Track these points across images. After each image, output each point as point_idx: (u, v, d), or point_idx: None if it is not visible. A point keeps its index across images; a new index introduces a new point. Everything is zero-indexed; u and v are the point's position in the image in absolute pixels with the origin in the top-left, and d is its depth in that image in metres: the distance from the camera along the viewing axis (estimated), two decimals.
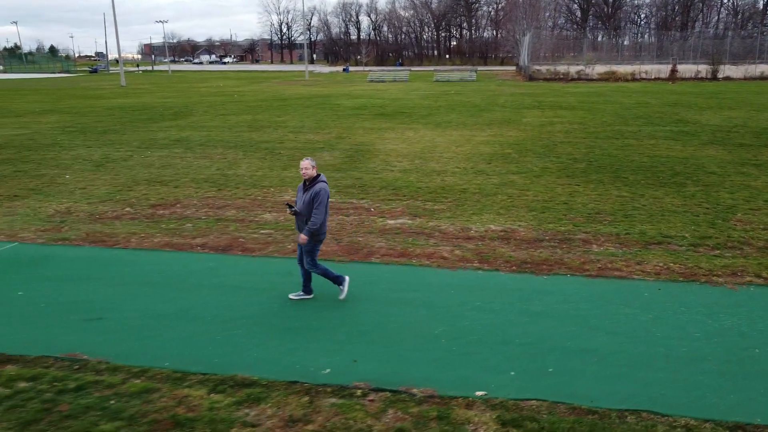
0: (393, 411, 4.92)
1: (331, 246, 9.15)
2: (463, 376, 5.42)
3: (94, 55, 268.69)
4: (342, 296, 7.03)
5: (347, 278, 7.07)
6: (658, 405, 4.92)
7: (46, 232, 10.02)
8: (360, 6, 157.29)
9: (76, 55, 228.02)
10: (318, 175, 6.67)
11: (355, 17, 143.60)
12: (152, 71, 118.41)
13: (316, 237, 6.73)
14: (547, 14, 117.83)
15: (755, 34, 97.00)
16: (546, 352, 5.85)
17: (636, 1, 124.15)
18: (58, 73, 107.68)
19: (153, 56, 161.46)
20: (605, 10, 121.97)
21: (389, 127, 23.15)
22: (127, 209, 11.50)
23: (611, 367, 5.53)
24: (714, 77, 58.58)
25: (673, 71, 57.25)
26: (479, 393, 5.14)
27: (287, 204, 6.95)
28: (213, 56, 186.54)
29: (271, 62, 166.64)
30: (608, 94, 39.79)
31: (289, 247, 9.18)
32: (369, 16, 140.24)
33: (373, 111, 29.23)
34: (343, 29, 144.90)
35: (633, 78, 60.90)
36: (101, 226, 10.42)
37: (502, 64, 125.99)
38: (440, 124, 23.85)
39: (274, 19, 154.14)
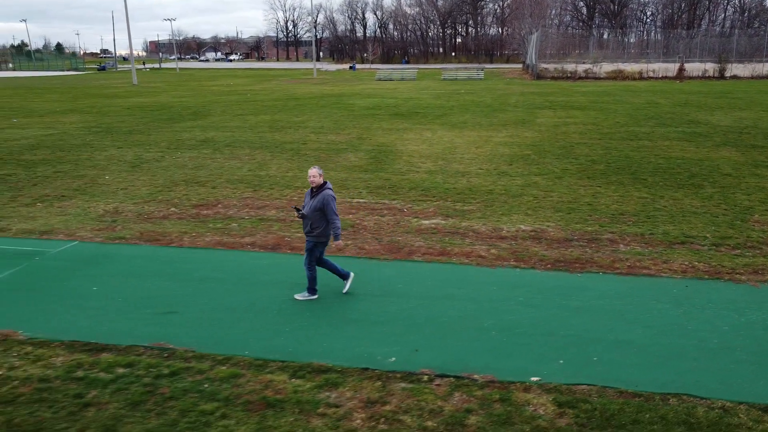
0: (459, 394, 5.52)
1: (373, 245, 9.75)
2: (517, 363, 6.01)
3: (99, 52, 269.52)
4: (299, 296, 7.63)
5: (316, 295, 7.62)
6: (696, 389, 5.50)
7: (101, 232, 10.62)
8: (366, 3, 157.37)
9: (82, 52, 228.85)
10: (324, 183, 7.26)
11: (361, 15, 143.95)
12: (160, 69, 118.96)
13: (321, 239, 7.30)
14: (554, 12, 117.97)
15: (762, 33, 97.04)
16: (588, 343, 6.43)
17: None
18: (67, 70, 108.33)
19: (160, 54, 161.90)
20: (611, 7, 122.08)
21: (406, 127, 23.71)
22: (172, 209, 12.11)
23: (650, 357, 6.11)
24: (722, 76, 58.93)
25: (681, 70, 57.64)
26: (534, 378, 5.73)
27: (295, 207, 7.57)
28: (218, 54, 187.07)
29: (277, 60, 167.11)
30: (617, 93, 40.25)
31: (333, 246, 9.75)
32: (375, 13, 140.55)
33: (388, 111, 29.79)
34: (349, 27, 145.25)
35: (640, 76, 61.25)
36: (152, 225, 11.02)
37: (507, 61, 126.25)
38: (456, 124, 24.39)
39: (280, 16, 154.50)
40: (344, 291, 7.81)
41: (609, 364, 5.98)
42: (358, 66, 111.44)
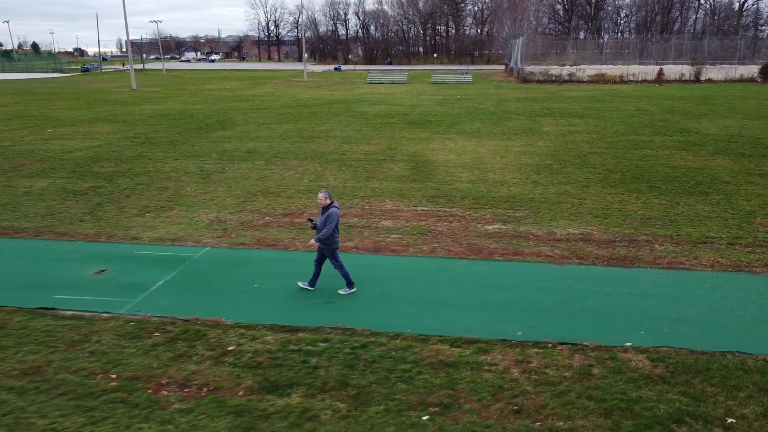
0: (578, 356, 7.77)
1: (457, 248, 11.95)
2: (611, 334, 8.27)
3: (73, 51, 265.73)
4: (342, 291, 9.72)
5: (354, 288, 9.73)
6: (744, 348, 7.82)
7: (221, 239, 12.65)
8: (348, 5, 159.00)
9: (57, 51, 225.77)
10: (331, 203, 9.41)
11: (343, 16, 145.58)
12: (144, 70, 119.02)
13: (331, 245, 9.43)
14: (532, 14, 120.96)
15: (732, 36, 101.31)
16: (656, 319, 8.73)
17: (617, 2, 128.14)
18: (52, 72, 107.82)
19: (142, 54, 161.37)
20: (588, 10, 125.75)
21: (427, 137, 25.91)
22: (267, 218, 14.15)
23: (704, 328, 8.43)
24: (697, 79, 62.22)
25: (660, 75, 60.77)
26: (628, 344, 8.00)
27: (309, 219, 9.85)
28: (198, 54, 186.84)
29: (259, 60, 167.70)
30: (606, 99, 42.97)
31: (425, 248, 11.96)
32: (357, 15, 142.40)
33: (401, 119, 31.95)
34: (331, 27, 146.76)
35: (621, 80, 64.30)
36: (260, 232, 13.07)
37: (488, 62, 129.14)
38: (472, 133, 26.67)
39: (262, 16, 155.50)
40: (301, 284, 9.81)
41: (677, 333, 8.28)
42: (342, 67, 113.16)
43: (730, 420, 6.31)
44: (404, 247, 11.96)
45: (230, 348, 8.00)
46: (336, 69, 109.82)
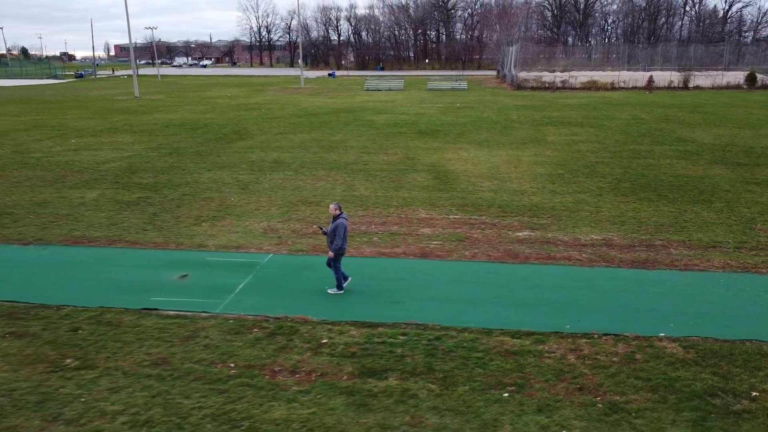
0: (621, 344, 9.22)
1: (495, 253, 13.38)
2: (645, 326, 9.72)
3: (60, 55, 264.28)
4: (331, 291, 11.08)
5: (342, 291, 11.11)
6: (760, 336, 9.30)
7: (280, 246, 13.98)
8: (339, 10, 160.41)
9: (45, 56, 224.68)
10: (340, 214, 10.79)
11: (334, 22, 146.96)
12: (138, 76, 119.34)
13: (339, 252, 10.86)
14: (521, 20, 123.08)
15: (717, 43, 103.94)
16: (681, 314, 10.20)
17: (605, 9, 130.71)
18: (46, 78, 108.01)
19: (136, 60, 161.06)
20: (576, 16, 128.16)
21: (440, 146, 27.36)
22: (314, 226, 15.49)
23: (724, 320, 9.90)
24: (686, 86, 64.26)
25: (650, 82, 62.75)
26: (661, 334, 9.46)
27: (320, 227, 11.37)
28: (189, 59, 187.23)
29: (251, 65, 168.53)
30: (601, 107, 44.71)
31: (467, 253, 13.38)
32: (349, 21, 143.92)
33: (411, 128, 33.39)
34: (323, 33, 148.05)
35: (613, 87, 66.19)
36: (312, 239, 14.42)
37: (479, 68, 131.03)
38: (481, 143, 28.16)
39: (253, 21, 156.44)
40: (329, 291, 11.15)
41: (701, 325, 9.75)
42: (336, 73, 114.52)
43: (754, 393, 7.78)
44: (448, 253, 13.37)
45: (323, 341, 9.36)
46: (330, 75, 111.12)
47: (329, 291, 11.15)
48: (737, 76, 68.87)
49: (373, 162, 23.72)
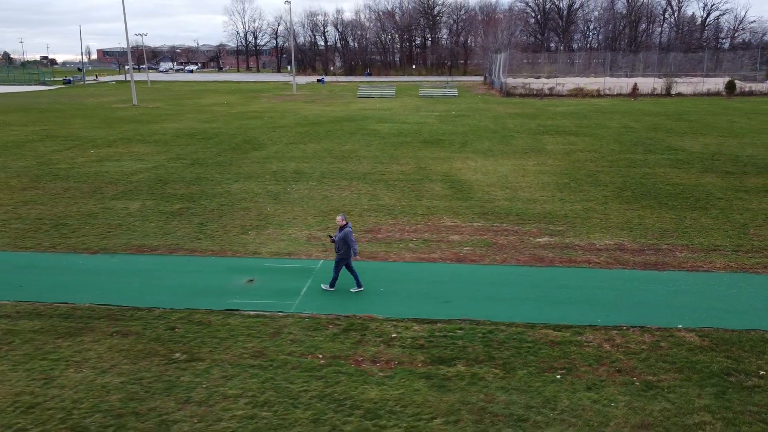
0: (647, 335, 10.86)
1: (521, 257, 15.00)
2: (664, 319, 11.38)
3: (40, 59, 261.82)
4: (324, 286, 12.79)
5: (334, 288, 12.81)
6: (761, 326, 11.02)
7: (327, 253, 15.46)
8: (326, 16, 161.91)
9: (23, 59, 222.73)
10: (346, 225, 12.48)
11: (321, 27, 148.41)
12: (126, 81, 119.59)
13: (343, 257, 12.50)
14: (505, 26, 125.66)
15: (696, 50, 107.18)
16: (693, 310, 11.88)
17: (587, 16, 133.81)
18: (35, 85, 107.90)
19: (126, 66, 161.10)
20: (560, 23, 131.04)
21: (447, 156, 29.00)
22: (353, 235, 16.96)
23: (730, 314, 11.60)
24: (668, 93, 66.73)
25: (635, 89, 65.11)
26: (679, 326, 11.15)
27: (329, 235, 12.98)
28: (174, 64, 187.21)
29: (238, 70, 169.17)
30: (591, 115, 46.74)
31: (497, 258, 14.98)
32: (336, 26, 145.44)
33: (414, 138, 35.01)
34: (310, 38, 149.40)
35: (599, 94, 68.46)
36: (369, 246, 15.87)
37: (465, 74, 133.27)
38: (486, 153, 29.85)
39: (240, 26, 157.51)
40: (352, 291, 12.78)
41: (711, 318, 11.43)
42: (324, 78, 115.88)
43: (762, 372, 9.47)
44: (480, 257, 14.97)
45: (393, 335, 10.90)
46: (319, 81, 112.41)
47: (323, 287, 12.85)
48: (717, 83, 71.58)
49: (389, 172, 25.24)
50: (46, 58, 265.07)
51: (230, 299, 12.43)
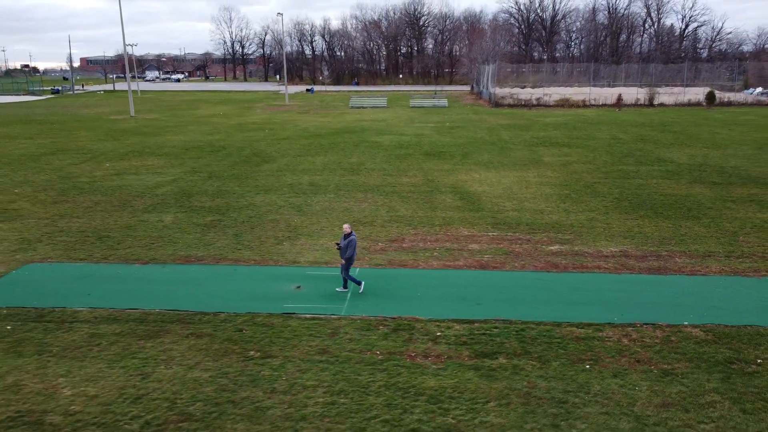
0: (659, 330, 12.50)
1: (539, 264, 16.61)
2: (672, 317, 13.00)
3: (20, 67, 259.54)
4: (339, 289, 14.48)
5: (348, 289, 14.48)
6: (756, 323, 12.71)
7: (361, 261, 16.94)
8: (314, 26, 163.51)
9: (4, 68, 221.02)
10: (351, 233, 14.04)
11: (309, 37, 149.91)
12: (115, 91, 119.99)
13: (349, 261, 14.11)
14: (489, 37, 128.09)
15: (676, 60, 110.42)
16: (696, 308, 13.54)
17: (569, 26, 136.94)
18: (23, 95, 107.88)
19: (105, 73, 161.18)
20: (543, 34, 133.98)
21: (451, 168, 30.62)
22: (380, 244, 18.50)
23: (729, 312, 13.25)
24: (651, 104, 69.18)
25: (619, 100, 67.46)
26: (685, 323, 12.80)
27: (336, 243, 14.51)
28: (160, 72, 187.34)
29: (225, 79, 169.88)
30: (580, 126, 48.76)
31: (517, 264, 16.56)
32: (323, 36, 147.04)
33: (417, 150, 36.61)
34: (297, 48, 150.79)
35: (584, 104, 70.72)
36: (384, 255, 17.41)
37: (451, 83, 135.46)
38: (487, 165, 31.53)
39: (227, 35, 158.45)
40: (337, 290, 14.49)
41: (713, 316, 13.09)
42: (314, 88, 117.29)
43: (759, 360, 11.14)
44: (501, 264, 16.55)
45: (438, 334, 12.41)
46: (308, 90, 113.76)
47: (337, 289, 14.40)
48: (697, 93, 74.27)
49: (399, 184, 26.78)
50: (27, 66, 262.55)
51: (284, 304, 13.85)
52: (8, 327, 12.78)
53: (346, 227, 14.13)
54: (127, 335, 12.39)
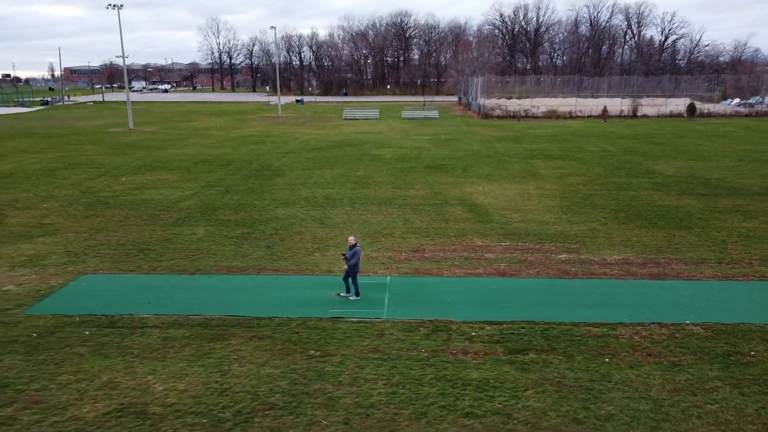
0: (664, 329, 14.31)
1: (551, 271, 18.39)
2: (676, 317, 14.83)
3: (2, 77, 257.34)
4: (341, 293, 16.18)
5: (359, 297, 16.11)
6: (747, 320, 14.57)
7: (389, 270, 18.58)
8: (302, 37, 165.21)
9: None
10: (355, 244, 15.74)
11: (297, 48, 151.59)
12: (104, 102, 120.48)
13: (355, 270, 15.82)
14: (474, 48, 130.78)
15: (656, 72, 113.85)
16: (696, 309, 15.37)
17: (553, 38, 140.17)
18: (14, 106, 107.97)
19: (92, 84, 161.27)
20: (527, 46, 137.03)
21: (454, 181, 32.41)
22: (403, 254, 20.18)
23: (724, 312, 15.10)
24: (634, 115, 71.78)
25: (604, 112, 69.95)
26: (687, 322, 14.63)
27: (342, 254, 16.16)
28: (146, 83, 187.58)
29: (212, 89, 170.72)
30: (569, 138, 50.92)
31: (532, 272, 18.32)
32: (311, 47, 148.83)
33: (419, 163, 38.39)
34: (285, 59, 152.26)
35: (571, 116, 73.14)
36: (409, 264, 19.08)
37: (437, 93, 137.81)
38: (488, 177, 33.38)
39: (214, 46, 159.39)
40: (341, 294, 16.25)
41: (710, 316, 14.91)
42: (297, 98, 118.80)
43: (752, 352, 12.99)
44: (517, 272, 18.31)
45: (473, 334, 14.11)
46: (298, 101, 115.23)
47: (350, 298, 15.96)
48: (678, 104, 77.12)
49: (410, 197, 28.49)
50: (8, 75, 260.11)
51: (330, 309, 15.46)
52: (86, 333, 14.23)
53: (351, 239, 15.76)
54: (196, 338, 13.92)
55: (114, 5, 60.13)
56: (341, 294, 16.21)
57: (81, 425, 10.56)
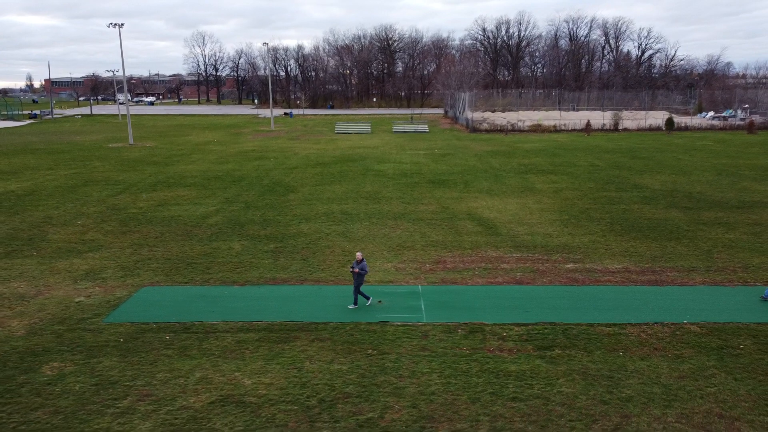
0: (666, 328, 16.77)
1: (562, 279, 20.80)
2: (675, 318, 17.27)
3: None
4: (351, 306, 18.21)
5: (369, 301, 18.49)
6: (736, 320, 17.09)
7: (417, 280, 20.86)
8: (287, 50, 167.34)
9: None
10: (362, 260, 17.89)
11: (283, 61, 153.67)
12: (93, 115, 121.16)
13: (360, 278, 18.10)
14: (458, 61, 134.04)
15: (634, 84, 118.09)
16: (692, 310, 17.84)
17: (534, 52, 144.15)
18: (3, 120, 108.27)
19: (77, 96, 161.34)
20: (509, 59, 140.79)
21: (458, 196, 34.82)
22: (427, 265, 22.46)
23: (715, 312, 17.59)
24: (616, 128, 75.09)
25: (588, 126, 73.15)
26: (685, 321, 17.11)
27: (351, 267, 18.30)
28: (129, 95, 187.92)
29: (198, 102, 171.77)
30: (557, 152, 53.73)
31: (545, 280, 20.74)
32: (297, 60, 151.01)
33: (420, 179, 40.77)
34: (272, 72, 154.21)
35: (555, 129, 76.22)
36: (435, 275, 21.36)
37: (422, 106, 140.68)
38: (489, 192, 35.86)
39: (200, 59, 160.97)
40: (349, 307, 18.44)
41: (704, 316, 17.38)
42: (286, 111, 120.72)
43: (741, 346, 15.49)
44: (532, 280, 20.69)
45: (504, 334, 16.42)
46: (287, 114, 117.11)
47: (349, 307, 18.05)
48: (657, 118, 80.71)
49: (420, 212, 30.80)
50: None
51: (376, 314, 17.66)
52: (167, 337, 16.26)
53: (359, 255, 17.84)
54: (265, 341, 16.02)
55: (115, 24, 61.75)
56: (379, 301, 18.34)
57: (192, 413, 12.62)
